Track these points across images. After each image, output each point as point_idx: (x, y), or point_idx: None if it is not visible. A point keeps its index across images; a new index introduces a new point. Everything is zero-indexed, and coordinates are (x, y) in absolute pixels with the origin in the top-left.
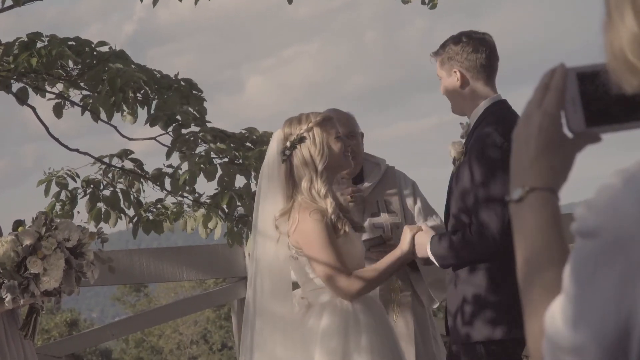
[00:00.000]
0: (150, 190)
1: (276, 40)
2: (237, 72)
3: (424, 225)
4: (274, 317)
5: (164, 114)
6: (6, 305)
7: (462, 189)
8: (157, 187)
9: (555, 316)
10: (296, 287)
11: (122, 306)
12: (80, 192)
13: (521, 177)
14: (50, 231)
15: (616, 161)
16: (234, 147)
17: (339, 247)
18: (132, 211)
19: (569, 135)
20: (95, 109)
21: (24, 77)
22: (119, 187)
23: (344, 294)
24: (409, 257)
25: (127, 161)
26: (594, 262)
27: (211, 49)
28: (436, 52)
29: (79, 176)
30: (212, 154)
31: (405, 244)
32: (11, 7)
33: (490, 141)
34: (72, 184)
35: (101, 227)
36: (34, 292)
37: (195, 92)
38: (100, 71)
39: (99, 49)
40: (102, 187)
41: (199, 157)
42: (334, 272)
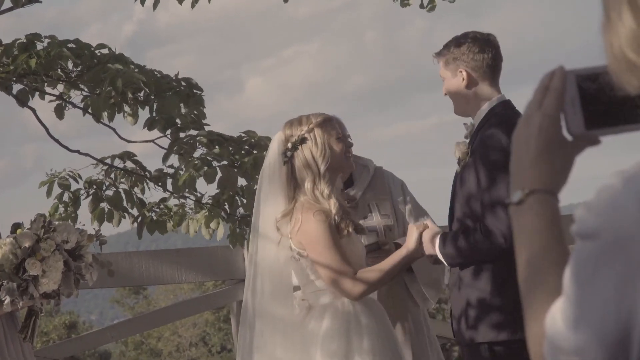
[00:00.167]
0: (152, 190)
1: (276, 40)
2: (236, 72)
3: (430, 222)
4: (275, 319)
5: (162, 117)
6: (5, 307)
7: (467, 193)
8: (159, 188)
9: (555, 318)
10: (296, 288)
11: (121, 308)
12: (82, 193)
13: (521, 179)
14: (48, 233)
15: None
16: (232, 151)
17: (343, 248)
18: (135, 211)
19: (569, 137)
20: (95, 110)
21: (24, 79)
22: (121, 187)
23: (349, 294)
24: (416, 256)
25: (128, 162)
26: (594, 263)
27: (211, 49)
28: (440, 53)
29: (81, 177)
30: (210, 157)
31: (411, 242)
32: (11, 9)
33: (495, 143)
34: (74, 185)
35: (99, 230)
36: (32, 294)
37: (196, 91)
38: (99, 72)
39: (98, 51)
40: (104, 187)
41: (197, 160)
42: (339, 273)
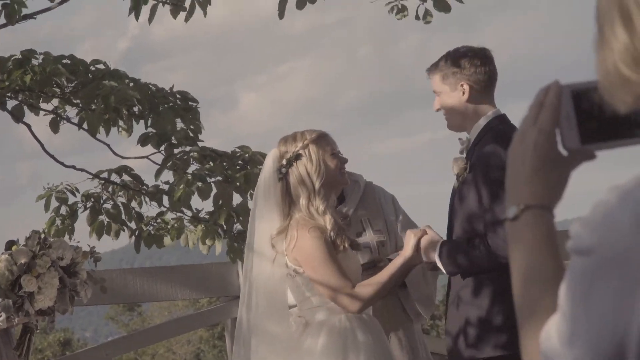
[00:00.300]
0: (150, 204)
1: (270, 56)
2: (231, 88)
3: (429, 229)
4: (270, 336)
5: (156, 133)
6: (0, 324)
7: (467, 210)
8: (155, 205)
9: (551, 334)
10: (293, 305)
11: (116, 325)
12: (80, 207)
13: (516, 194)
14: (44, 250)
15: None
16: (226, 167)
17: (340, 262)
18: (133, 224)
19: (564, 152)
20: (90, 126)
21: (19, 94)
22: (119, 200)
23: (348, 308)
24: (413, 263)
25: (125, 176)
26: (590, 279)
27: (205, 65)
28: (436, 67)
29: (78, 191)
30: (204, 172)
31: (408, 249)
32: (4, 26)
33: (495, 160)
34: (71, 198)
35: (94, 247)
36: (28, 310)
37: (191, 103)
38: (94, 88)
39: (93, 66)
40: (102, 201)
41: (191, 176)
42: (338, 287)
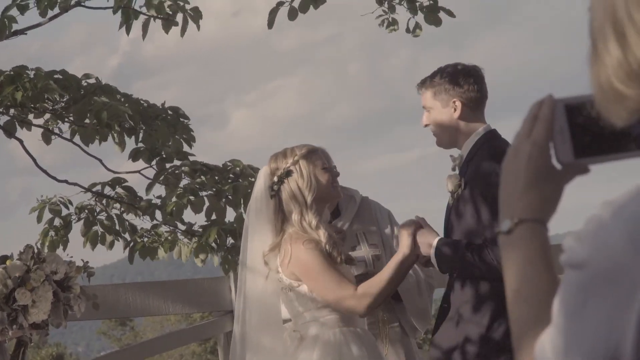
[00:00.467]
0: (143, 217)
1: (260, 73)
2: (221, 105)
3: (423, 220)
4: (265, 350)
5: (147, 148)
6: None
7: (466, 228)
8: (147, 219)
9: (544, 347)
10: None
11: (108, 340)
12: (74, 218)
13: (510, 208)
14: (38, 264)
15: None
16: (217, 180)
17: (338, 269)
18: (127, 236)
19: (558, 166)
20: (83, 138)
21: (11, 110)
22: (113, 212)
23: (356, 311)
24: (412, 258)
25: (119, 188)
26: (584, 293)
27: (196, 82)
28: (428, 83)
29: (71, 203)
30: (196, 186)
31: (405, 246)
32: None
33: (491, 178)
34: (64, 210)
35: (87, 262)
36: (22, 324)
37: (183, 119)
38: (86, 104)
39: (85, 81)
40: (96, 212)
41: (183, 191)
42: (341, 292)
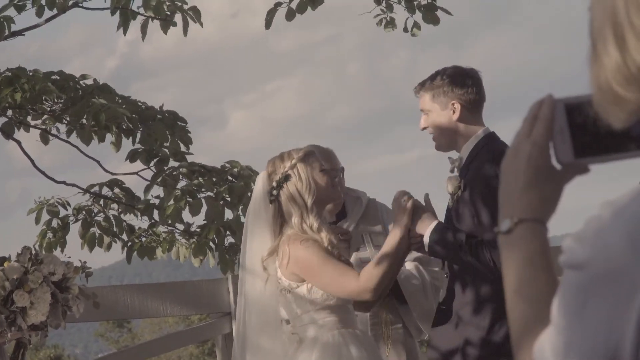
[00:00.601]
0: (141, 217)
1: (259, 74)
2: (220, 106)
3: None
4: (264, 353)
5: (144, 149)
6: None
7: (466, 230)
8: (145, 219)
9: (544, 348)
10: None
11: (106, 342)
12: (72, 219)
13: (510, 208)
14: (35, 265)
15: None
16: (215, 182)
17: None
18: (125, 236)
19: (558, 166)
20: (82, 137)
21: (8, 111)
22: (110, 213)
23: (363, 293)
24: (409, 233)
25: (116, 189)
26: (583, 294)
27: (194, 83)
28: (427, 85)
29: (69, 204)
30: (193, 187)
31: (405, 220)
32: None
33: (492, 180)
34: (62, 211)
35: (85, 262)
36: (21, 325)
37: (180, 123)
38: (84, 106)
39: (82, 82)
40: (93, 214)
41: (180, 193)
42: (344, 280)
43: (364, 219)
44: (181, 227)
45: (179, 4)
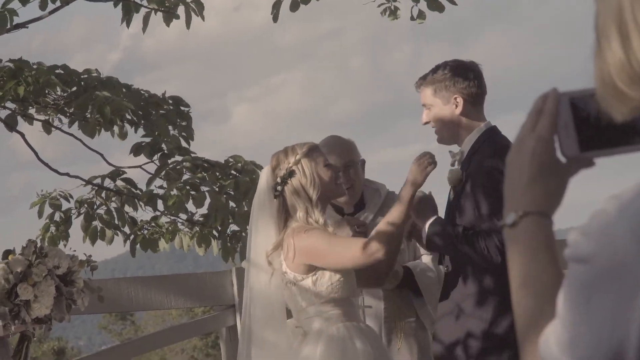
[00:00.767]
0: (143, 209)
1: (262, 68)
2: (223, 100)
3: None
4: (269, 346)
5: (148, 143)
6: None
7: (466, 221)
8: (149, 209)
9: (549, 341)
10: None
11: (109, 335)
12: (74, 212)
13: (515, 201)
14: (40, 258)
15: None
16: (219, 177)
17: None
18: (127, 229)
19: (563, 159)
20: (85, 130)
21: (12, 103)
22: (112, 206)
23: (376, 256)
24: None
25: (119, 181)
26: (588, 287)
27: (197, 77)
28: (428, 80)
29: (72, 197)
30: (196, 181)
31: (421, 176)
32: None
33: (495, 175)
34: (65, 204)
35: (90, 255)
36: (24, 319)
37: (183, 108)
38: (87, 99)
39: (85, 76)
40: (95, 206)
41: (184, 185)
42: (352, 246)
43: (382, 211)
44: (184, 216)
45: None
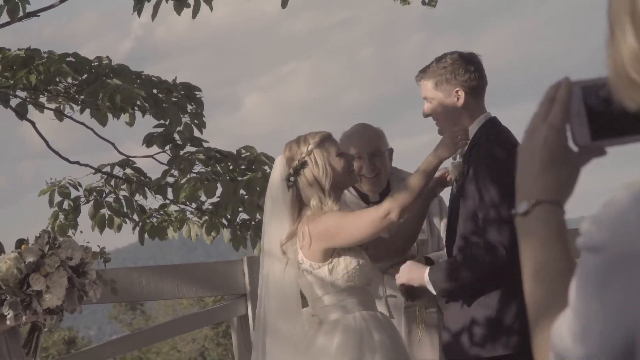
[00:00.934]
0: (153, 197)
1: (273, 57)
2: (234, 89)
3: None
4: (283, 336)
5: (160, 133)
6: (9, 322)
7: (469, 210)
8: (160, 198)
9: (561, 330)
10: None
11: (119, 324)
12: (83, 201)
13: (527, 190)
14: (53, 249)
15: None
16: (230, 167)
17: None
18: (135, 217)
19: (575, 148)
20: (97, 118)
21: (23, 91)
22: (121, 194)
23: (391, 214)
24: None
25: (128, 169)
26: (601, 276)
27: (208, 66)
28: (429, 73)
29: (81, 185)
30: (210, 174)
31: (445, 153)
32: (8, 24)
33: (497, 165)
34: (73, 192)
35: (104, 247)
36: (36, 309)
37: (195, 92)
38: (99, 87)
39: (96, 64)
40: (104, 194)
41: (197, 175)
42: (365, 215)
43: None
44: (193, 205)
45: None
